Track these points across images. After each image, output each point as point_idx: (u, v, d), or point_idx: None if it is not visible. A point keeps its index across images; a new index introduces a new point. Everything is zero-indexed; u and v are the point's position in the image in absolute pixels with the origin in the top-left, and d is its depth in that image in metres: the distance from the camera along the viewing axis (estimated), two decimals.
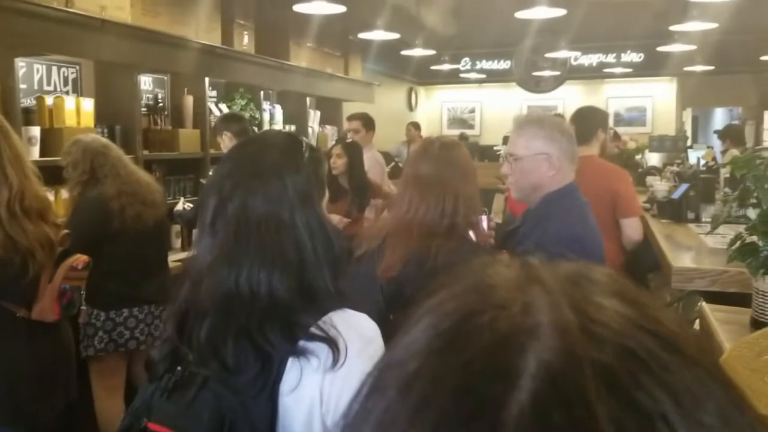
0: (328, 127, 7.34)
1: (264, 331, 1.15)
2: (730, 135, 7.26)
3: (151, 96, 5.04)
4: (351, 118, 5.28)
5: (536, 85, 11.31)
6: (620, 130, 9.43)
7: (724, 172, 5.05)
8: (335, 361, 1.13)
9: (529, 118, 2.52)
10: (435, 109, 13.67)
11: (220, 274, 1.20)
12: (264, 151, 1.28)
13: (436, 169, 1.98)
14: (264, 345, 1.15)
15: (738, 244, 1.94)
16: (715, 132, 9.33)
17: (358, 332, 1.18)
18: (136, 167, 3.44)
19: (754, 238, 1.95)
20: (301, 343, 1.14)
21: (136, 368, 3.38)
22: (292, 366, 1.14)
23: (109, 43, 4.08)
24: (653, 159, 8.32)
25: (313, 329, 1.15)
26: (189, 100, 5.13)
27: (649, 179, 6.01)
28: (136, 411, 1.21)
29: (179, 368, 1.19)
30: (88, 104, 4.10)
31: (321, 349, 1.14)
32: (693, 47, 8.66)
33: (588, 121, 3.58)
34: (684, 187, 4.37)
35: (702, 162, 6.19)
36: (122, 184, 3.20)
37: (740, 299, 2.39)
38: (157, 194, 3.38)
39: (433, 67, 11.04)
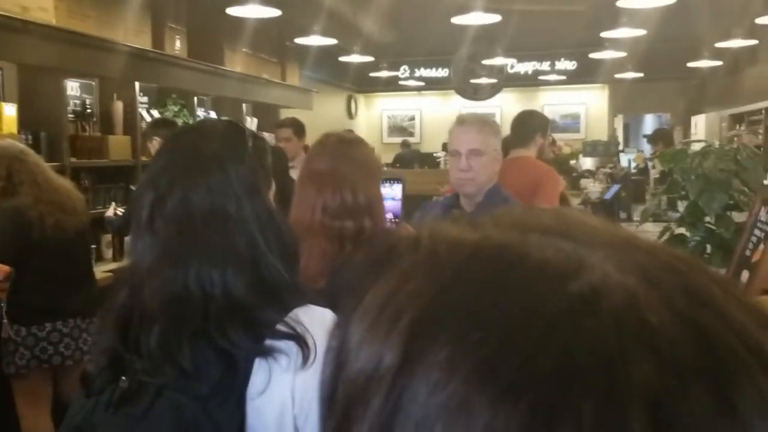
0: (265, 134, 7.25)
1: (225, 331, 1.07)
2: (662, 138, 7.49)
3: (78, 102, 4.87)
4: (280, 125, 4.90)
5: (474, 93, 11.45)
6: (556, 136, 9.62)
7: (654, 173, 5.20)
8: (305, 359, 1.06)
9: (480, 117, 2.60)
10: (375, 116, 13.69)
11: (165, 276, 1.10)
12: (203, 140, 1.20)
13: (332, 164, 1.82)
14: (226, 346, 1.06)
15: (667, 235, 1.98)
16: (645, 136, 9.61)
17: (324, 328, 1.09)
18: (56, 174, 3.29)
19: (683, 230, 1.98)
20: (268, 341, 1.07)
21: (63, 384, 3.24)
22: (259, 367, 1.06)
23: (32, 45, 3.93)
24: (587, 163, 8.55)
25: (279, 326, 1.08)
26: (119, 106, 4.99)
27: (583, 182, 6.14)
28: (74, 429, 1.11)
29: (124, 379, 1.09)
30: (10, 109, 3.94)
31: (290, 347, 1.07)
32: (623, 54, 8.91)
33: (527, 124, 3.62)
34: (616, 187, 4.48)
35: (633, 165, 6.37)
36: (40, 192, 3.06)
37: None
38: (78, 202, 3.25)
39: (372, 74, 11.06)
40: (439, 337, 0.27)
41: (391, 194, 3.16)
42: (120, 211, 4.09)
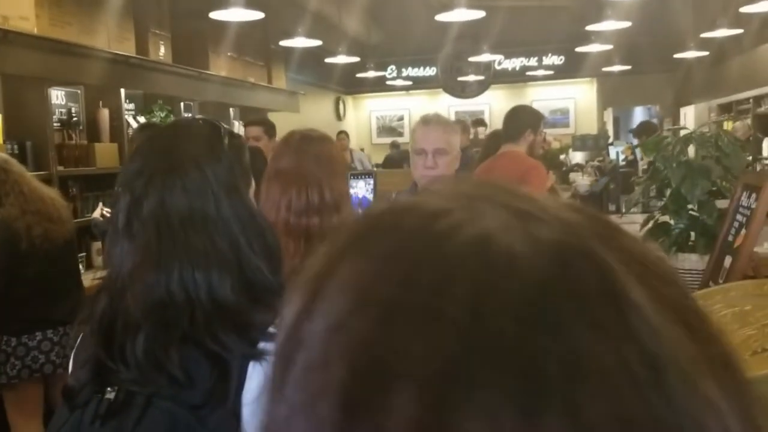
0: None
1: (216, 335, 1.04)
2: (646, 131, 7.52)
3: (64, 110, 4.85)
4: (250, 124, 4.80)
5: (462, 91, 11.46)
6: (545, 131, 9.64)
7: (642, 164, 5.21)
8: None
9: (443, 118, 2.65)
10: (364, 118, 13.68)
11: (147, 281, 1.08)
12: (178, 140, 1.18)
13: (297, 162, 1.82)
14: (218, 350, 1.04)
15: (651, 224, 1.98)
16: (630, 131, 9.62)
17: None
18: (40, 183, 3.28)
19: (667, 218, 1.99)
20: (261, 345, 1.04)
21: (54, 391, 3.22)
22: (253, 371, 1.03)
23: (14, 55, 3.91)
24: (577, 158, 8.56)
25: (272, 329, 1.04)
26: (105, 113, 4.97)
27: (572, 176, 6.15)
28: None
29: (109, 390, 1.06)
30: None
31: None
32: (609, 47, 8.94)
33: (517, 120, 3.60)
34: (604, 180, 4.48)
35: (621, 157, 6.39)
36: (26, 202, 3.04)
37: None
38: (63, 210, 3.23)
39: (359, 75, 11.05)
40: (335, 277, 0.30)
41: (362, 192, 3.20)
42: (107, 212, 4.07)
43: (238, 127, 7.00)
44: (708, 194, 1.95)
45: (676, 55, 9.82)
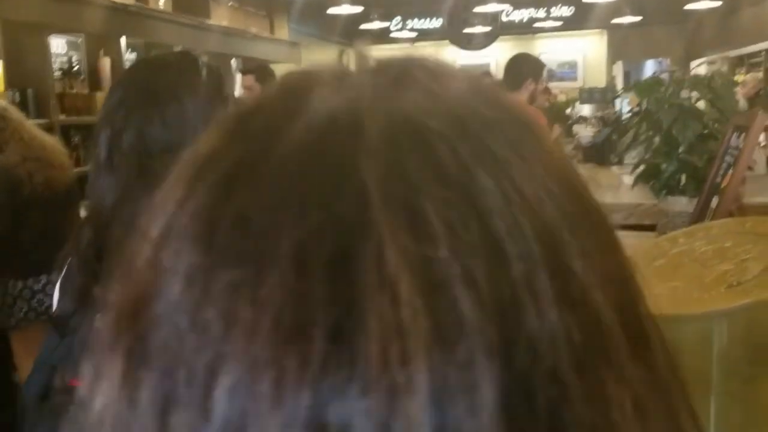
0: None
1: None
2: None
3: (65, 59, 4.84)
4: (243, 71, 4.81)
5: (468, 43, 11.29)
6: (553, 85, 9.52)
7: None
8: None
9: None
10: None
11: (130, 212, 1.06)
12: (156, 73, 1.19)
13: None
14: None
15: (642, 167, 1.99)
16: None
17: None
18: (40, 131, 3.30)
19: (659, 162, 2.00)
20: None
21: None
22: None
23: (12, 0, 3.89)
24: (584, 111, 8.49)
25: None
26: (106, 62, 4.96)
27: (576, 128, 6.10)
28: (52, 368, 1.11)
29: (99, 317, 1.10)
30: None
31: None
32: None
33: (518, 68, 3.57)
34: (606, 131, 4.47)
35: (627, 108, 6.32)
36: (26, 148, 3.06)
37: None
38: (63, 157, 3.24)
39: (363, 26, 10.89)
40: None
41: None
42: None
43: (240, 79, 6.96)
44: (700, 137, 1.96)
45: (686, 7, 9.63)
